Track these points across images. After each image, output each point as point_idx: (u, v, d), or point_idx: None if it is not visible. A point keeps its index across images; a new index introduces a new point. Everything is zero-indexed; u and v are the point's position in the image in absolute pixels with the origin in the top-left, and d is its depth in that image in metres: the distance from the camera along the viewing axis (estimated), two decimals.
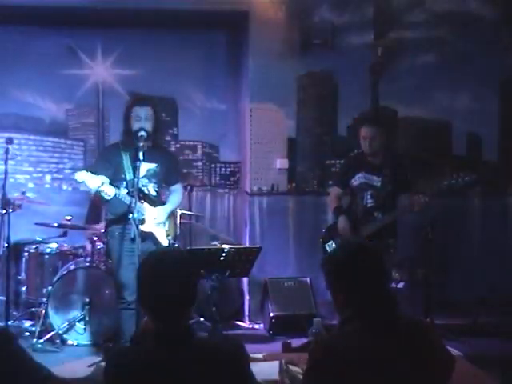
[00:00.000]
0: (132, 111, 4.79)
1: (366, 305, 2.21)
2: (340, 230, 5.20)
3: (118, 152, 4.83)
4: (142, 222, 4.69)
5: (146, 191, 4.84)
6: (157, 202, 4.91)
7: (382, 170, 5.18)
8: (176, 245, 5.22)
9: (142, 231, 4.63)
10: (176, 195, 5.09)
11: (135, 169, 4.62)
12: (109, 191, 4.60)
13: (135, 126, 4.73)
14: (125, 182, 4.79)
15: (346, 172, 5.44)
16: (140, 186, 4.70)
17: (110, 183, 4.72)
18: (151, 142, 4.83)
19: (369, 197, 5.19)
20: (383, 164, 5.20)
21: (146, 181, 4.84)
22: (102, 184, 4.53)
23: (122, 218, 4.69)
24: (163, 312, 2.17)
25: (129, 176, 4.75)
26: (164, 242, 4.89)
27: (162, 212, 4.90)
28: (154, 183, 4.90)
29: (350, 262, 2.27)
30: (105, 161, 4.89)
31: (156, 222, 4.85)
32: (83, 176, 4.48)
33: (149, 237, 4.80)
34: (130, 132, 4.77)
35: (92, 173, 4.69)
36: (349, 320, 2.22)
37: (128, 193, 4.73)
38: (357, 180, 5.24)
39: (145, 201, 4.79)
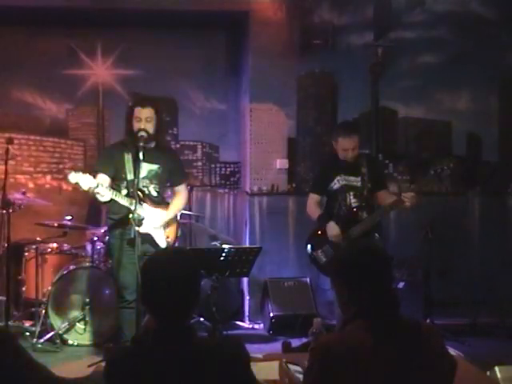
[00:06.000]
0: (134, 112, 4.76)
1: (368, 305, 2.21)
2: (331, 236, 5.02)
3: (120, 151, 4.81)
4: (141, 223, 4.66)
5: (147, 192, 4.83)
6: (158, 202, 4.90)
7: (358, 169, 5.13)
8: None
9: (140, 233, 4.61)
10: (179, 198, 5.04)
11: (136, 169, 4.62)
12: (104, 193, 4.51)
13: (135, 126, 4.72)
14: (125, 182, 4.78)
15: (323, 177, 5.26)
16: (141, 186, 4.70)
17: (113, 183, 4.73)
18: (154, 143, 4.82)
19: (352, 197, 5.12)
20: (358, 163, 5.14)
21: (147, 181, 4.82)
22: (97, 186, 4.43)
23: (124, 218, 4.68)
24: (165, 311, 2.17)
25: (129, 176, 4.74)
26: (162, 244, 4.87)
27: (160, 217, 4.85)
28: (155, 184, 4.87)
29: (355, 262, 2.27)
30: (107, 159, 4.88)
31: (153, 226, 4.82)
32: (76, 177, 4.40)
33: (147, 239, 4.78)
34: (132, 132, 4.76)
35: (95, 171, 4.70)
36: (351, 320, 2.23)
37: (128, 193, 4.72)
38: (337, 183, 5.11)
39: (145, 202, 4.77)
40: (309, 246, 5.21)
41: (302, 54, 6.55)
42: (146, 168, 4.74)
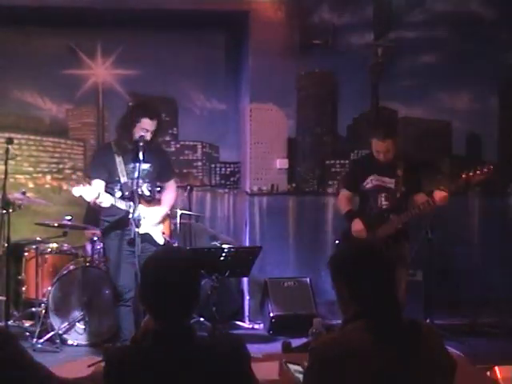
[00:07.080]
0: (140, 122, 4.73)
1: (368, 305, 2.21)
2: (355, 232, 5.05)
3: (111, 154, 4.82)
4: (139, 223, 4.66)
5: (140, 192, 4.84)
6: (151, 201, 4.92)
7: (393, 171, 5.12)
8: (175, 243, 5.21)
9: (139, 233, 4.61)
10: (169, 193, 5.07)
11: (134, 171, 4.65)
12: (106, 201, 4.59)
13: (139, 133, 4.71)
14: (119, 185, 4.79)
15: (356, 175, 5.30)
16: (134, 187, 4.71)
17: (106, 186, 4.75)
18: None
19: (383, 199, 5.10)
20: (394, 165, 5.12)
21: (140, 181, 4.83)
22: (99, 195, 4.52)
23: (120, 219, 4.71)
24: (165, 311, 2.17)
25: (123, 179, 4.76)
26: (160, 240, 4.90)
27: (156, 214, 4.89)
28: (147, 183, 4.90)
29: (355, 262, 2.27)
30: (100, 165, 4.87)
31: (150, 224, 4.84)
32: (79, 190, 4.48)
33: (145, 237, 4.79)
34: (128, 136, 4.76)
35: (90, 178, 4.73)
36: (351, 320, 2.22)
37: (122, 195, 4.73)
38: (369, 183, 5.13)
39: (140, 202, 4.77)
40: (336, 242, 5.41)
41: (302, 53, 6.54)
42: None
